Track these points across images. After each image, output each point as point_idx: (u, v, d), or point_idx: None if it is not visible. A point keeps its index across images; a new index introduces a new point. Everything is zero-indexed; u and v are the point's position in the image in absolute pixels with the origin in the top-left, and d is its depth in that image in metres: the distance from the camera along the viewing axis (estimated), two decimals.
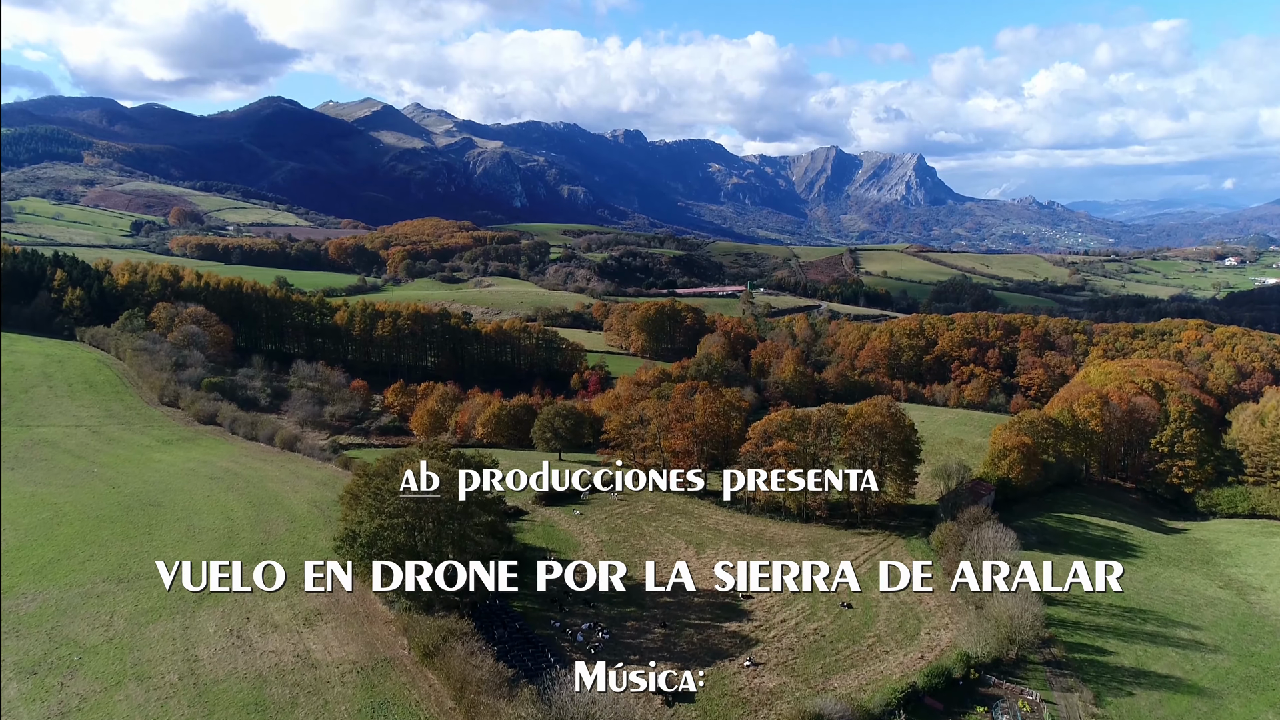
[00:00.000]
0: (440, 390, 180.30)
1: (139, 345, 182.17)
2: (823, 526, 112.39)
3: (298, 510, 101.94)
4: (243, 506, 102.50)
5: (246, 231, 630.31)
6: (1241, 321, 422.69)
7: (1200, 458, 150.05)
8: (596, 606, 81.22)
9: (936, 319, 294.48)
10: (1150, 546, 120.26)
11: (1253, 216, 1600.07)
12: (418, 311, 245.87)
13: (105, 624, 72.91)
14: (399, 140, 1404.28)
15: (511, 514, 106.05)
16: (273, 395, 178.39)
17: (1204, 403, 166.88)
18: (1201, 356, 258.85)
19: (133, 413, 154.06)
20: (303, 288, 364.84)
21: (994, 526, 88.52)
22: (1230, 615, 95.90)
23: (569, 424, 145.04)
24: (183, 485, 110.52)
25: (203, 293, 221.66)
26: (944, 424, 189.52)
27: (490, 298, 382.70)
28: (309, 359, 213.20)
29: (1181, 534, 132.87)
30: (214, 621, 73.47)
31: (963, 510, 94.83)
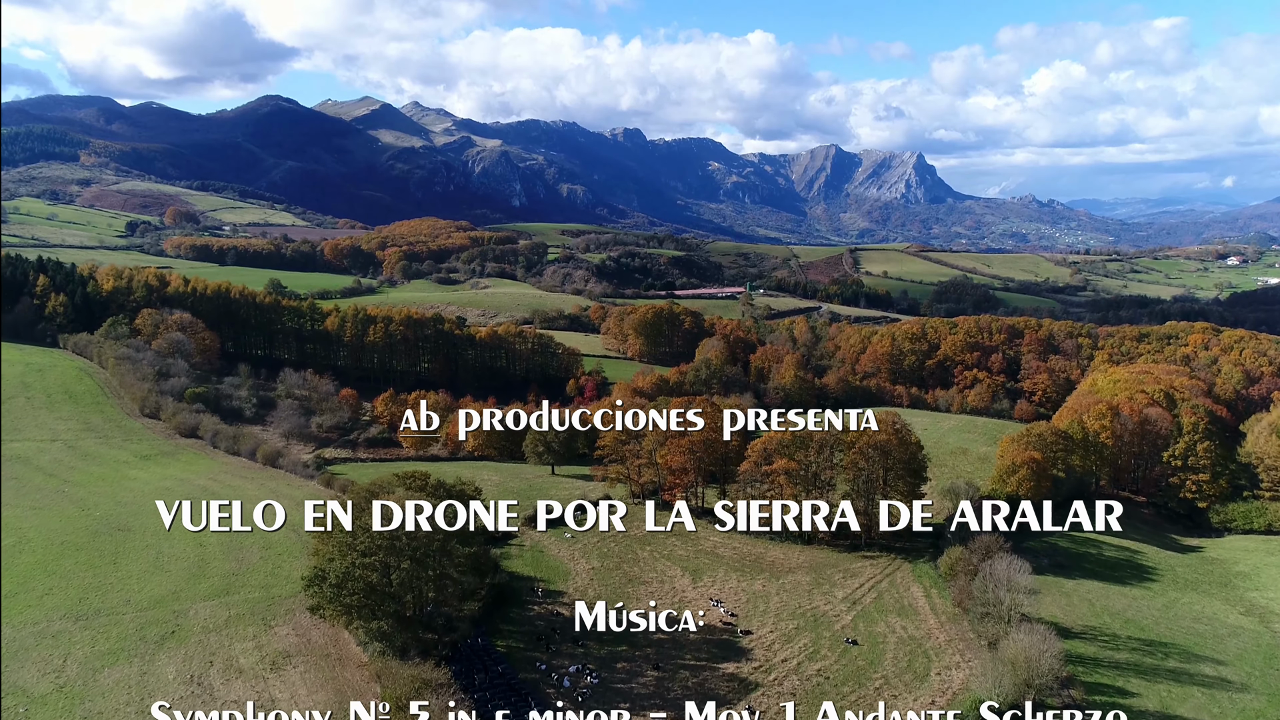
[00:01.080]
0: (431, 399, 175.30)
1: (121, 353, 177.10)
2: (825, 549, 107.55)
3: (273, 535, 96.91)
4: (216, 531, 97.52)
5: (243, 231, 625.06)
6: (1245, 322, 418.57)
7: (1214, 471, 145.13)
8: (585, 645, 76.34)
9: (939, 322, 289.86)
10: (1166, 568, 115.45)
11: (1253, 214, 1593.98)
12: (410, 316, 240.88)
13: (58, 669, 68.02)
14: (397, 139, 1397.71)
15: (499, 538, 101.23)
16: (259, 405, 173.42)
17: (1217, 413, 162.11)
18: (1209, 361, 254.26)
19: (112, 425, 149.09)
20: (297, 290, 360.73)
21: (1007, 557, 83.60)
22: (1255, 647, 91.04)
23: (562, 438, 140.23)
24: (156, 507, 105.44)
25: (189, 298, 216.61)
26: (948, 431, 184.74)
27: (486, 300, 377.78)
28: (299, 365, 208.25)
29: (1197, 553, 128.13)
30: (174, 666, 68.62)
31: (974, 538, 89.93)
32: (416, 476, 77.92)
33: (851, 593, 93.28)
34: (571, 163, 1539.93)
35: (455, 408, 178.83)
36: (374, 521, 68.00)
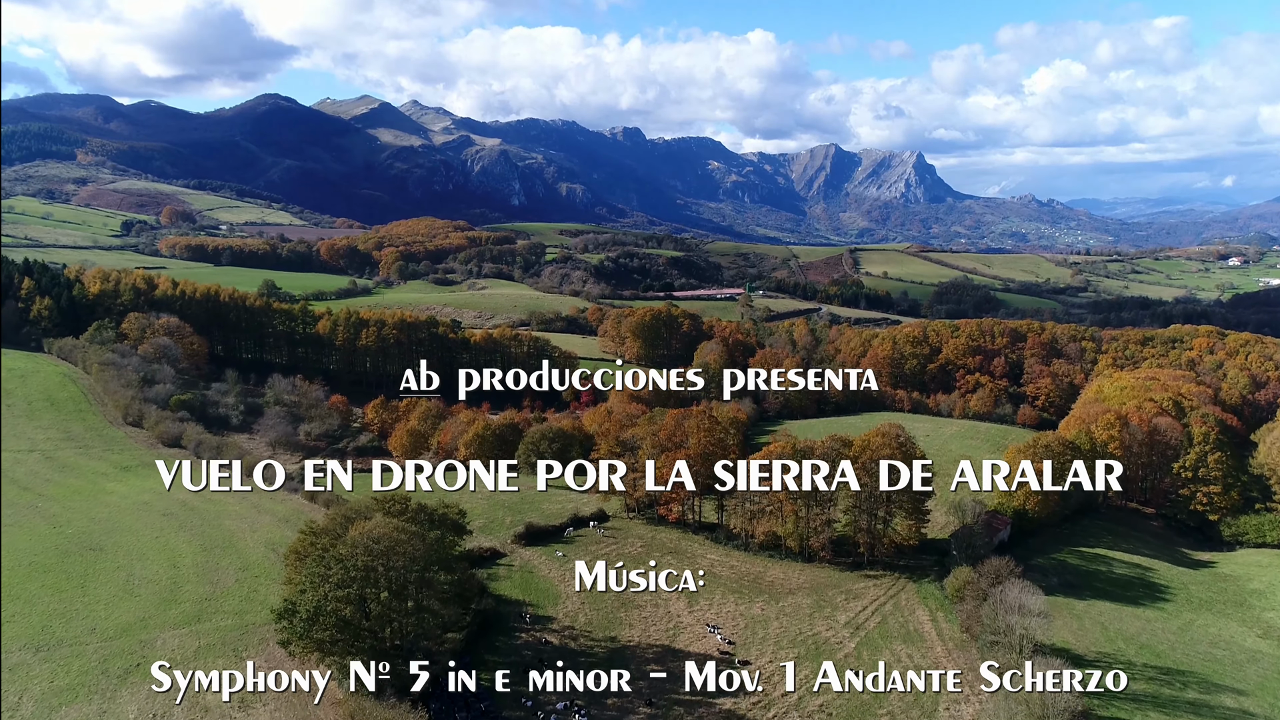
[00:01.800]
0: (423, 407, 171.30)
1: (106, 359, 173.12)
2: (826, 568, 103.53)
3: (252, 555, 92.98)
4: (192, 551, 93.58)
5: (239, 231, 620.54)
6: (1248, 324, 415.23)
7: (1226, 483, 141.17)
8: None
9: (941, 325, 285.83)
10: (1179, 586, 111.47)
11: (1252, 214, 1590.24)
12: (404, 319, 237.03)
13: (13, 707, 64.04)
14: (396, 138, 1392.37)
15: (486, 557, 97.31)
16: (246, 412, 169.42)
17: (1227, 422, 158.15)
18: (1214, 365, 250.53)
19: (93, 434, 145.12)
20: (292, 291, 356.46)
21: (1018, 583, 79.64)
22: (1275, 673, 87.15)
23: (555, 447, 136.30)
24: (131, 523, 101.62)
25: (178, 301, 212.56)
26: (950, 438, 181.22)
27: (483, 301, 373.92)
28: (290, 369, 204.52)
29: (1209, 568, 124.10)
30: (136, 704, 64.62)
31: (982, 562, 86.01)
32: (397, 500, 73.83)
33: (854, 616, 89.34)
34: (571, 162, 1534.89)
35: (447, 414, 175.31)
36: (349, 547, 63.93)
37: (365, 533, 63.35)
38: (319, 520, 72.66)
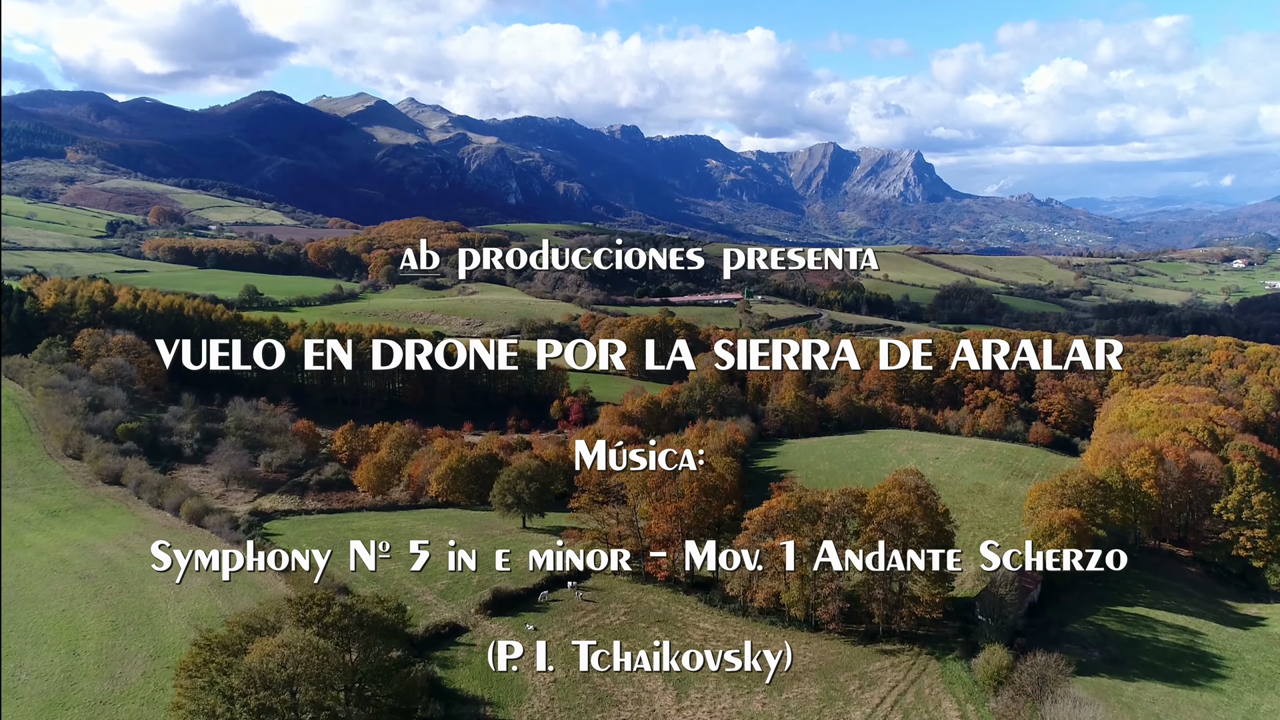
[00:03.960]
0: (395, 433, 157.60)
1: (52, 381, 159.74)
2: (835, 640, 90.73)
3: (169, 636, 79.85)
4: (100, 630, 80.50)
5: (229, 231, 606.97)
6: (1259, 330, 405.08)
7: (1271, 526, 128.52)
8: None
9: (947, 337, 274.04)
10: (1233, 655, 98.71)
11: (1252, 214, 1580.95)
12: (383, 331, 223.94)
13: None
14: (392, 136, 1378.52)
15: (445, 633, 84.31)
16: (202, 439, 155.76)
17: (1268, 455, 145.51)
18: (1235, 380, 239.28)
19: (26, 469, 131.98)
20: (275, 296, 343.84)
21: (1070, 701, 66.59)
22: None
23: (533, 488, 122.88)
24: (39, 590, 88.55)
25: (138, 315, 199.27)
26: (961, 461, 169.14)
27: (473, 307, 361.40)
28: (260, 386, 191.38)
29: (1260, 627, 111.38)
30: None
31: (1018, 644, 73.09)
32: (316, 602, 59.87)
33: (871, 713, 76.55)
34: (569, 160, 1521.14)
35: (422, 440, 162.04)
36: (252, 665, 50.98)
37: (267, 656, 50.56)
38: (218, 631, 59.46)
